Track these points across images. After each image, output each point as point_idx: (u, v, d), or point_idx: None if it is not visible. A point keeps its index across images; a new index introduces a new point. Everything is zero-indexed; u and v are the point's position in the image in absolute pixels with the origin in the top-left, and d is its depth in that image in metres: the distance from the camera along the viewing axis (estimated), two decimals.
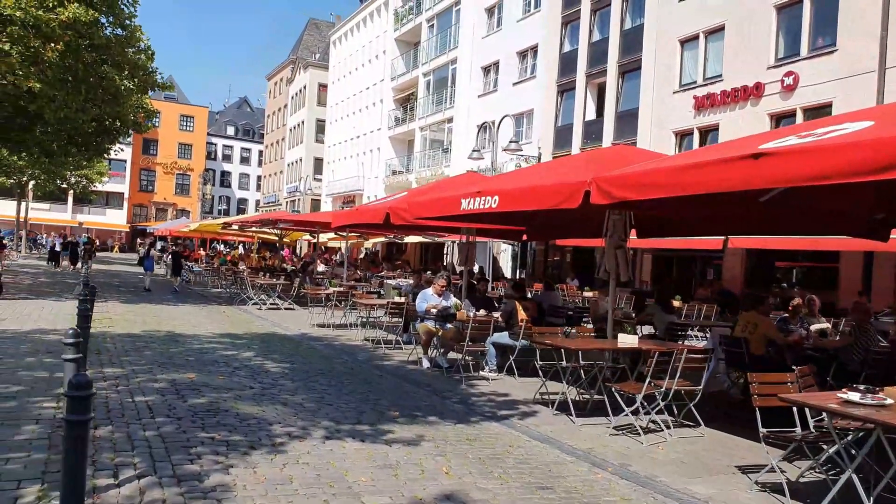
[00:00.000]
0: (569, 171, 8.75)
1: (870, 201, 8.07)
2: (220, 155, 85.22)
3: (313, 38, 70.80)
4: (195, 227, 35.66)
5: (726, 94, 21.34)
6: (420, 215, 10.89)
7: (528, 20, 32.64)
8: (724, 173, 5.37)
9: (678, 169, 5.96)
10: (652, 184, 6.29)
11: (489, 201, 8.90)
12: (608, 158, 9.09)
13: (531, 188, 8.20)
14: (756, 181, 5.16)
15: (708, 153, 6.59)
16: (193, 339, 12.11)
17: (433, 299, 10.57)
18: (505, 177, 11.24)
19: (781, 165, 5.01)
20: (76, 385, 3.39)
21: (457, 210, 9.61)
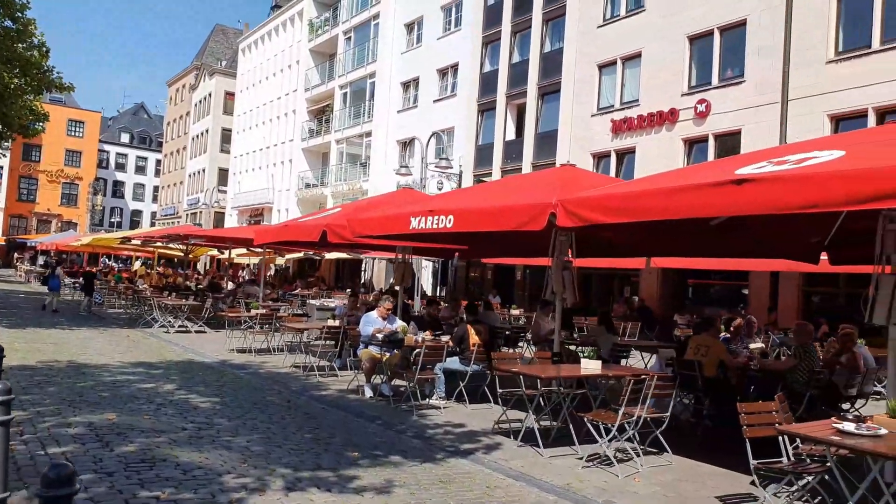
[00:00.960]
0: (526, 192, 8.51)
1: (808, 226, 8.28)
2: (112, 163, 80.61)
3: (220, 44, 68.53)
4: (88, 241, 33.22)
5: (642, 119, 21.93)
6: (362, 233, 10.36)
7: (448, 38, 32.66)
8: (706, 198, 5.25)
9: (655, 193, 5.79)
10: (625, 208, 6.10)
11: (443, 221, 8.52)
12: (561, 179, 8.93)
13: (491, 209, 7.89)
14: (740, 207, 5.06)
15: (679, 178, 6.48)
16: (102, 370, 11.00)
17: (378, 323, 10.04)
18: (454, 196, 10.88)
19: (768, 192, 4.91)
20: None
21: (405, 229, 9.17)
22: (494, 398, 9.18)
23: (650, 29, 22.11)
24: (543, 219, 7.02)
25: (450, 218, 8.53)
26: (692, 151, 20.56)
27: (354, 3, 40.40)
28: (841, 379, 7.97)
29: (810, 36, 17.25)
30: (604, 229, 8.67)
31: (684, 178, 5.90)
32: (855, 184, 4.43)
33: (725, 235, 8.47)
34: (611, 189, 6.97)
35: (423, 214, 8.95)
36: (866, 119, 15.71)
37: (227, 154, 56.83)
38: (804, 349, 7.92)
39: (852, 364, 8.05)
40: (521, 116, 28.46)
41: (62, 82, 17.20)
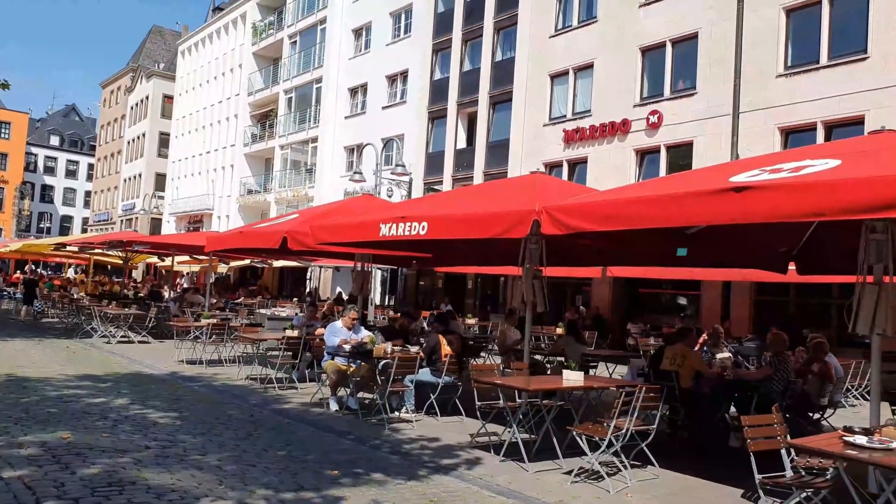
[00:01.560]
0: (503, 200, 8.36)
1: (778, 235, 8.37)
2: (41, 167, 77.23)
3: (157, 46, 66.57)
4: (18, 248, 31.52)
5: (595, 129, 22.16)
6: (326, 240, 10.02)
7: (397, 45, 32.43)
8: (702, 206, 5.18)
9: (650, 201, 5.69)
10: (615, 215, 6.00)
11: (416, 228, 8.29)
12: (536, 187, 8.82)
13: (470, 216, 7.69)
14: (738, 215, 5.00)
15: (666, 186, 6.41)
16: (45, 383, 10.29)
17: (344, 333, 9.69)
18: (425, 203, 10.62)
19: (770, 200, 4.87)
20: None
21: (375, 236, 8.90)
22: (466, 410, 8.98)
23: (602, 40, 22.39)
24: (526, 226, 6.88)
25: (423, 225, 8.30)
26: (644, 162, 20.86)
27: (300, 8, 39.78)
28: (813, 388, 8.06)
29: (760, 50, 17.73)
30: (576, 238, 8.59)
31: (673, 187, 5.83)
32: (862, 192, 4.40)
33: (695, 245, 8.50)
34: (597, 197, 6.86)
35: (393, 221, 8.70)
36: (815, 132, 16.22)
37: (165, 158, 55.09)
38: (779, 359, 7.97)
39: (824, 373, 8.15)
40: (472, 125, 28.44)
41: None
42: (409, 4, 31.91)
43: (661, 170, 20.06)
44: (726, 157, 18.04)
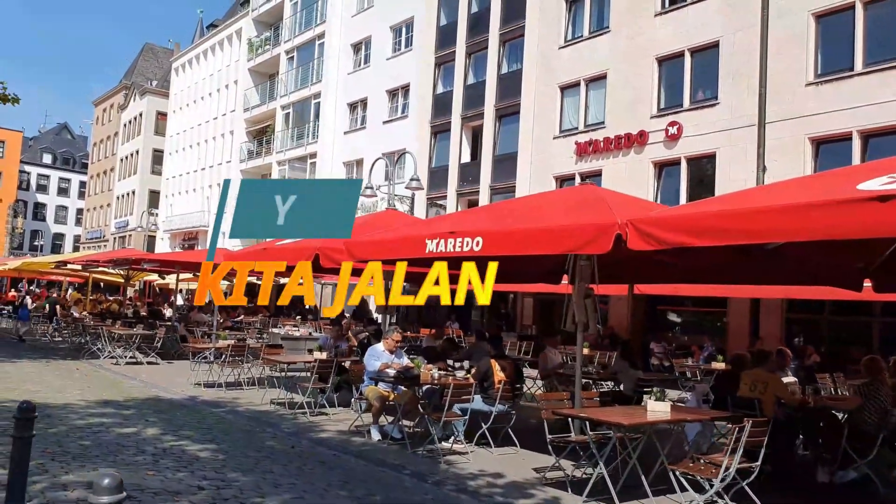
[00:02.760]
0: (565, 213, 7.87)
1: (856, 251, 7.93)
2: (34, 185, 76.30)
3: (149, 63, 66.00)
4: (17, 265, 30.75)
5: (609, 141, 21.78)
6: (363, 257, 9.47)
7: (398, 59, 32.07)
8: (836, 218, 4.66)
9: (764, 212, 5.19)
10: (722, 228, 5.48)
11: (469, 244, 7.80)
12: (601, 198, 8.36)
13: (538, 231, 7.19)
14: (885, 228, 4.53)
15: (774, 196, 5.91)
16: (67, 411, 9.70)
17: (385, 357, 9.15)
18: (469, 217, 10.09)
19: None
20: None
21: (420, 253, 8.40)
22: (521, 441, 8.46)
23: (615, 50, 22.08)
24: (608, 241, 6.38)
25: (477, 241, 7.81)
26: (662, 175, 20.48)
27: (297, 23, 39.42)
28: None
29: (787, 58, 17.37)
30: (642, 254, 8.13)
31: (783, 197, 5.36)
32: None
33: (763, 261, 8.04)
34: (689, 209, 6.39)
35: (441, 237, 8.20)
36: (850, 142, 15.85)
37: (159, 176, 54.38)
38: (873, 386, 7.41)
39: None
40: (476, 138, 28.04)
41: (6, 93, 15.56)
42: (409, 18, 31.59)
43: (682, 182, 19.68)
44: (752, 169, 17.68)
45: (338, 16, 36.00)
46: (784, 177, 16.92)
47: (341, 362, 11.23)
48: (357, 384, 10.77)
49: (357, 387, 10.77)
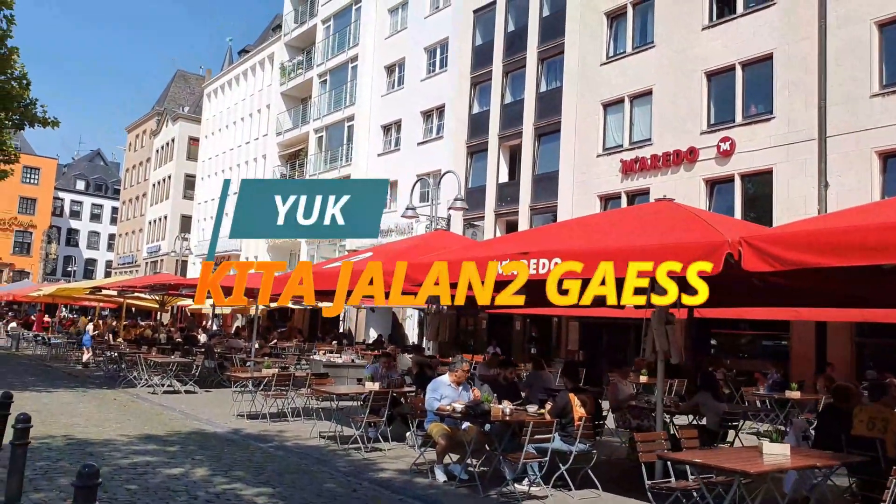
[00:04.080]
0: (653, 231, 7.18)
1: None
2: (67, 211, 77.28)
3: (181, 90, 66.74)
4: (51, 291, 30.65)
5: (657, 159, 21.04)
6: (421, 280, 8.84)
7: (432, 80, 31.71)
8: None
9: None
10: (853, 245, 4.78)
11: (546, 265, 7.13)
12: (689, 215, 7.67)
13: (630, 250, 6.49)
14: None
15: None
16: (108, 447, 9.14)
17: (451, 390, 8.46)
18: (535, 236, 9.39)
19: None
20: None
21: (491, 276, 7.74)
22: (601, 483, 7.70)
23: (661, 65, 21.41)
24: (718, 261, 5.66)
25: (555, 262, 7.14)
26: (714, 192, 19.66)
27: (330, 47, 39.36)
28: None
29: (848, 69, 16.55)
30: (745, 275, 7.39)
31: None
32: None
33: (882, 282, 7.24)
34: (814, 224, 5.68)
35: (513, 258, 7.54)
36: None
37: (191, 200, 54.56)
38: None
39: None
40: (514, 158, 27.45)
41: (46, 117, 15.36)
42: (444, 39, 31.27)
43: (736, 200, 18.83)
44: (813, 185, 16.82)
45: (371, 38, 35.85)
46: (849, 193, 16.08)
47: (396, 394, 10.57)
48: (413, 417, 10.10)
49: (412, 421, 10.10)
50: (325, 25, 39.78)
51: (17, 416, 4.52)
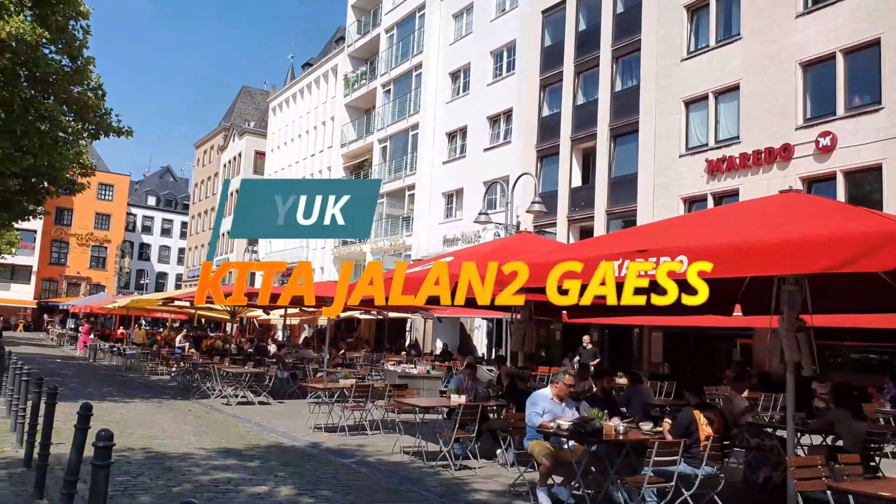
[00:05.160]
0: (790, 223, 6.22)
1: None
2: (139, 226, 79.67)
3: (247, 105, 68.02)
4: (126, 303, 31.15)
5: (746, 157, 19.74)
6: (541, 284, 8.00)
7: (499, 84, 30.99)
8: None
9: None
10: None
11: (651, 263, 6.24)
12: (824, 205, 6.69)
13: (779, 244, 5.56)
14: None
15: None
16: (187, 461, 8.64)
17: (552, 406, 7.62)
18: (651, 232, 8.50)
19: None
20: None
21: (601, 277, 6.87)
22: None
23: (749, 58, 20.13)
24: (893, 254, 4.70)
25: (681, 259, 6.23)
26: (813, 192, 18.23)
27: (393, 56, 39.13)
28: None
29: None
30: None
31: None
32: None
33: None
34: None
35: (627, 257, 6.66)
36: None
37: None
38: None
39: None
40: (588, 161, 26.44)
41: (121, 126, 15.30)
42: (511, 42, 30.54)
43: (839, 199, 17.39)
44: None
45: (435, 45, 35.43)
46: None
47: (485, 408, 9.78)
48: (505, 433, 9.30)
49: (504, 437, 9.30)
50: (388, 34, 39.62)
51: (97, 433, 3.93)
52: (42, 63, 12.78)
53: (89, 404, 4.97)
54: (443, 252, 30.11)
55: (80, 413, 4.91)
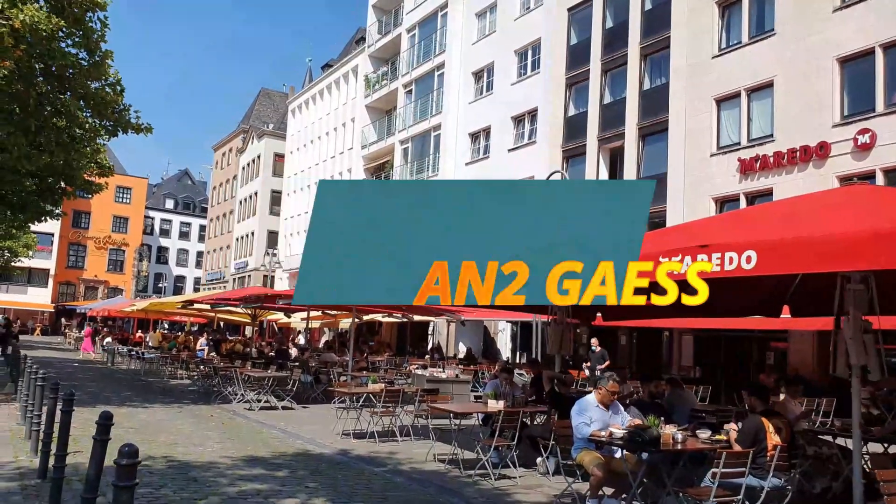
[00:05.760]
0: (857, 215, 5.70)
1: None
2: (157, 229, 79.84)
3: (265, 107, 67.93)
4: (144, 306, 30.97)
5: (780, 156, 19.12)
6: None
7: (524, 83, 30.49)
8: None
9: None
10: None
11: (734, 260, 5.72)
12: None
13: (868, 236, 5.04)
14: None
15: None
16: (212, 471, 8.23)
17: (599, 413, 7.13)
18: (716, 225, 7.97)
19: None
20: None
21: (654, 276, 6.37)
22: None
23: (783, 54, 19.52)
24: None
25: (748, 255, 5.71)
26: None
27: (415, 56, 38.76)
28: None
29: None
30: None
31: None
32: None
33: None
34: None
35: (687, 253, 6.14)
36: None
37: (277, 216, 55.09)
38: None
39: None
40: (616, 161, 25.88)
41: (139, 123, 14.97)
42: (536, 40, 30.05)
43: None
44: None
45: (457, 45, 35.02)
46: None
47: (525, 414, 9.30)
48: (546, 441, 8.82)
49: (546, 445, 8.81)
50: (409, 34, 39.27)
51: (120, 449, 3.47)
52: (58, 55, 12.45)
53: (109, 413, 4.54)
54: None
55: (100, 423, 4.48)
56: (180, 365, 24.00)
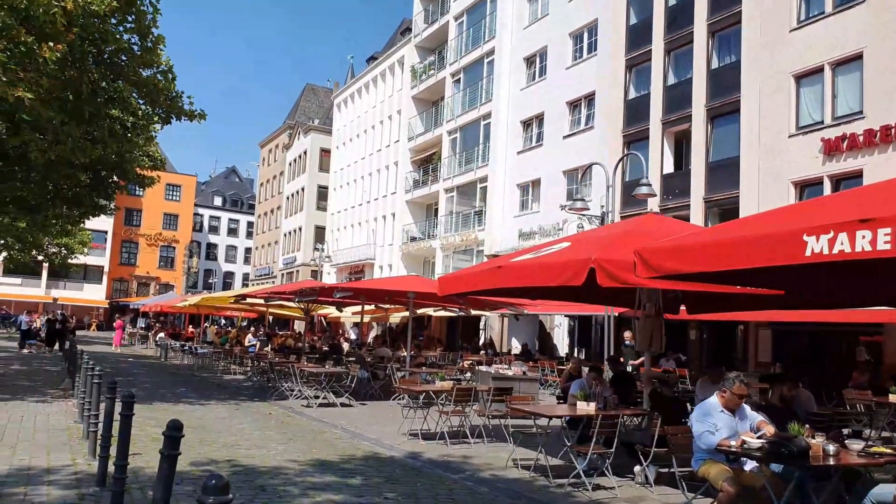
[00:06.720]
0: None
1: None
2: (206, 226, 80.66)
3: (310, 103, 67.75)
4: (197, 301, 30.71)
5: (871, 134, 17.61)
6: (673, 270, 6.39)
7: (579, 67, 29.23)
8: None
9: None
10: None
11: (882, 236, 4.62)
12: None
13: None
14: None
15: None
16: (280, 477, 7.43)
17: (724, 419, 6.07)
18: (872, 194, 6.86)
19: None
20: None
21: (798, 257, 5.27)
22: None
23: (874, 23, 17.98)
24: None
25: None
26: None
27: (463, 43, 37.72)
28: None
29: None
30: None
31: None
32: None
33: None
34: None
35: (842, 230, 5.03)
36: None
37: (324, 211, 54.77)
38: None
39: None
40: (681, 145, 24.52)
41: (192, 110, 14.36)
42: (592, 21, 28.74)
43: None
44: None
45: (508, 30, 33.89)
46: None
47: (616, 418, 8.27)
48: (645, 448, 7.80)
49: (646, 452, 7.79)
50: (457, 22, 38.27)
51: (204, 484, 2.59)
52: (112, 38, 11.84)
53: (179, 423, 3.69)
54: (519, 247, 28.60)
55: (167, 434, 3.64)
56: (233, 360, 23.53)
